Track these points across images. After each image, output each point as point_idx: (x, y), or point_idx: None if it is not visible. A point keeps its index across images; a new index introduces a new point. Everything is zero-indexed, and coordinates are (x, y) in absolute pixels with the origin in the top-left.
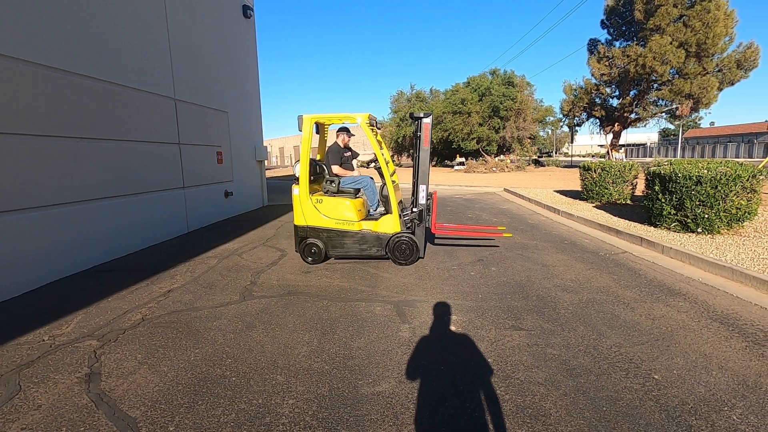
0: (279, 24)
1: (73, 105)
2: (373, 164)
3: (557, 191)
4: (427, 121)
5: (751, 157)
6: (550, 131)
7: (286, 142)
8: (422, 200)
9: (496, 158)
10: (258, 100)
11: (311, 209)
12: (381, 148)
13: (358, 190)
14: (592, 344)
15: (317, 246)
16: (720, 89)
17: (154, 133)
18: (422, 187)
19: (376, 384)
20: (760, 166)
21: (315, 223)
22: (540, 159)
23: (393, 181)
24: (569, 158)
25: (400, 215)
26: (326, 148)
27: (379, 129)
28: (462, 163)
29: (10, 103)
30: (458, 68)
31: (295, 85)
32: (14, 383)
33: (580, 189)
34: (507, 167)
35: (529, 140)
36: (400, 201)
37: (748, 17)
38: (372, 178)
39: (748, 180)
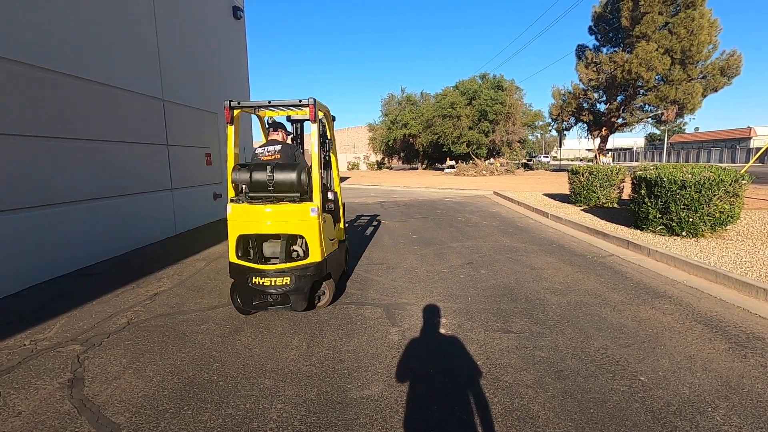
0: (272, 28)
1: (57, 105)
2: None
3: (546, 194)
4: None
5: (734, 162)
6: (539, 135)
7: None
8: None
9: (486, 161)
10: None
11: None
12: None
13: None
14: (579, 346)
15: None
16: (704, 95)
17: (141, 134)
18: None
19: (365, 387)
20: (742, 171)
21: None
22: (529, 162)
23: None
24: (557, 162)
25: None
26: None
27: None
28: (452, 167)
29: None
30: (448, 73)
31: (287, 87)
32: None
33: (568, 192)
34: (496, 170)
35: (518, 144)
36: None
37: (730, 26)
38: None
39: (730, 184)
